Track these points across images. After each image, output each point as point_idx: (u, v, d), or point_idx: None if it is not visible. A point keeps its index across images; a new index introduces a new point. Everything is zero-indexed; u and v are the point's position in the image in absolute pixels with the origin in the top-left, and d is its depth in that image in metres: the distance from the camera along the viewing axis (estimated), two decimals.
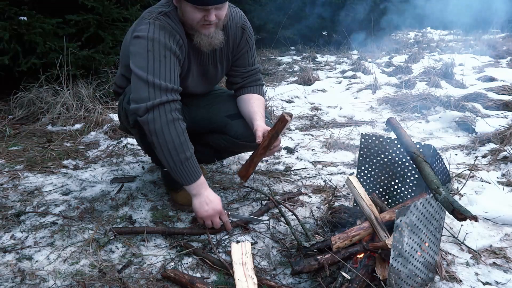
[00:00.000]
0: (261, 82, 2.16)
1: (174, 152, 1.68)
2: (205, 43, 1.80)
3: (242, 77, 2.10)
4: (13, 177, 2.37)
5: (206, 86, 2.12)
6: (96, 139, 3.11)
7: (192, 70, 1.95)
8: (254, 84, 2.12)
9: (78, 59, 3.74)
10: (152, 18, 1.75)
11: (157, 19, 1.75)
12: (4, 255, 1.65)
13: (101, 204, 2.11)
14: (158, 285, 1.49)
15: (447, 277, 1.51)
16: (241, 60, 2.07)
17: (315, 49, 8.29)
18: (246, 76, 2.10)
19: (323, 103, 4.32)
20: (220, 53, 1.99)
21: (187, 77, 1.95)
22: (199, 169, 1.76)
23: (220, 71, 2.08)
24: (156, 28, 1.72)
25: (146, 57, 1.69)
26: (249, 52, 2.08)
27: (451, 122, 3.38)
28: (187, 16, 1.73)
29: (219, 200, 1.79)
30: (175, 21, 1.78)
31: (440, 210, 1.39)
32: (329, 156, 2.83)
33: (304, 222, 1.91)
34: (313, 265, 1.43)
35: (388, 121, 1.77)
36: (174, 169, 1.71)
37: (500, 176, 2.40)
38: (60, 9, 3.82)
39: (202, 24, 1.73)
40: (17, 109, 3.54)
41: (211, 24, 1.74)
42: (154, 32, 1.71)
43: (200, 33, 1.77)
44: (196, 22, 1.73)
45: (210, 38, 1.78)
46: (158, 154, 1.72)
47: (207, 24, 1.73)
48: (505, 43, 7.98)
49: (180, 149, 1.68)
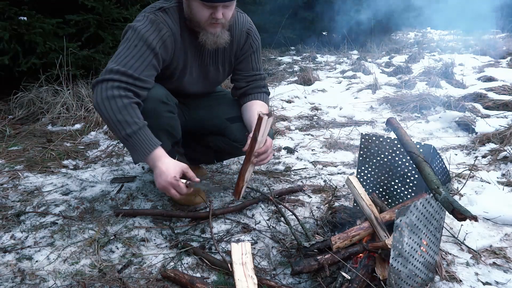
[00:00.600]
0: (266, 90, 2.12)
1: (115, 128, 1.65)
2: (211, 42, 1.80)
3: (246, 81, 2.08)
4: (13, 177, 2.37)
5: (206, 87, 2.11)
6: (96, 139, 3.11)
7: (190, 68, 1.95)
8: (258, 91, 2.09)
9: (78, 59, 3.74)
10: (149, 12, 1.79)
11: (153, 13, 1.78)
12: (4, 255, 1.65)
13: (101, 204, 2.11)
14: (158, 285, 1.49)
15: (447, 277, 1.51)
16: (244, 63, 2.06)
17: (315, 49, 8.29)
18: (250, 80, 2.08)
19: (323, 103, 4.32)
20: (222, 55, 1.99)
21: (184, 74, 1.95)
22: (148, 144, 1.66)
23: (221, 73, 2.08)
24: (145, 22, 1.75)
25: (121, 45, 1.75)
26: (253, 56, 2.06)
27: (451, 122, 3.38)
28: (194, 13, 1.74)
29: (173, 170, 1.65)
30: (172, 17, 1.80)
31: (440, 210, 1.39)
32: (329, 156, 2.83)
33: (304, 222, 1.91)
34: (313, 265, 1.43)
35: (388, 121, 1.77)
36: (124, 145, 1.68)
37: (500, 176, 2.40)
38: (60, 9, 3.82)
39: (210, 23, 1.74)
40: (17, 109, 3.54)
41: (218, 24, 1.75)
42: (140, 24, 1.75)
43: (207, 31, 1.78)
44: (204, 20, 1.74)
45: (216, 37, 1.80)
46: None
47: (214, 23, 1.74)
48: (505, 43, 7.98)
49: (119, 126, 1.63)
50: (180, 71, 1.93)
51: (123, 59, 1.70)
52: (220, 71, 2.06)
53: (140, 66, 1.72)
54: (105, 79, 1.66)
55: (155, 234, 1.83)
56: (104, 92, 1.65)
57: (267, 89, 2.13)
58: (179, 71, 1.92)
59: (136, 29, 1.74)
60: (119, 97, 1.64)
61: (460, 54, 6.95)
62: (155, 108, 1.79)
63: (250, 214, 2.01)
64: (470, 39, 8.74)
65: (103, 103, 1.64)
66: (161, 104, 1.81)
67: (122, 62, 1.70)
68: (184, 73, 1.95)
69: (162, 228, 1.88)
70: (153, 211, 1.99)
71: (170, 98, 1.88)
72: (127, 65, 1.69)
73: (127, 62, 1.70)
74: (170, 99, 1.88)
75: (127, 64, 1.70)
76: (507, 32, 9.74)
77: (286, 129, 3.48)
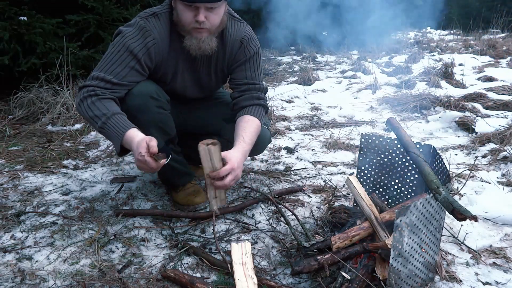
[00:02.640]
0: (261, 102, 1.97)
1: (92, 125, 1.74)
2: (194, 47, 1.78)
3: (239, 90, 1.97)
4: (13, 177, 2.37)
5: (201, 92, 2.10)
6: (96, 139, 3.10)
7: (182, 73, 1.95)
8: (251, 103, 1.94)
9: (78, 59, 3.75)
10: (141, 17, 1.81)
11: (144, 19, 1.80)
12: (4, 255, 1.65)
13: (101, 204, 2.11)
14: (158, 285, 1.49)
15: (447, 277, 1.51)
16: (237, 72, 1.98)
17: (315, 49, 8.29)
18: (243, 90, 1.97)
19: (323, 103, 4.32)
20: (215, 63, 1.97)
21: (176, 79, 1.95)
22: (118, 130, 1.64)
23: (214, 81, 2.05)
24: (134, 28, 1.79)
25: (108, 50, 1.80)
26: (247, 64, 1.97)
27: (451, 122, 3.39)
28: (179, 16, 1.74)
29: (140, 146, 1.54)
30: (164, 23, 1.81)
31: (440, 210, 1.39)
32: (329, 156, 2.83)
33: (304, 222, 1.91)
34: (313, 265, 1.43)
35: (388, 121, 1.77)
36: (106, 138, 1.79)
37: (500, 176, 2.40)
38: (60, 9, 3.82)
39: (194, 27, 1.73)
40: (17, 109, 3.54)
41: (203, 29, 1.73)
42: (128, 30, 1.79)
43: (192, 36, 1.77)
44: (188, 23, 1.73)
45: (201, 43, 1.77)
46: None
47: (198, 28, 1.73)
48: (505, 43, 7.98)
49: (92, 122, 1.70)
50: (171, 76, 1.93)
51: (105, 65, 1.76)
52: (212, 79, 2.03)
53: (121, 72, 1.75)
54: (85, 85, 1.75)
55: (155, 234, 1.83)
56: (79, 96, 1.74)
57: (263, 101, 1.98)
58: (170, 76, 1.92)
59: (124, 35, 1.77)
60: (89, 97, 1.71)
61: (460, 54, 6.95)
62: (145, 103, 1.79)
63: (250, 214, 2.01)
64: (470, 39, 8.74)
65: (79, 106, 1.74)
66: (150, 99, 1.80)
67: (104, 68, 1.76)
68: (176, 78, 1.94)
69: (162, 228, 1.88)
70: (153, 211, 1.99)
71: (160, 94, 1.86)
72: (108, 71, 1.75)
73: (108, 68, 1.75)
74: (160, 94, 1.86)
75: (108, 69, 1.75)
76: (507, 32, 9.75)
77: (286, 129, 3.48)
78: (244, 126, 1.85)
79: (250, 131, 1.85)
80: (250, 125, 1.87)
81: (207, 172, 1.62)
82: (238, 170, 1.66)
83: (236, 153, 1.70)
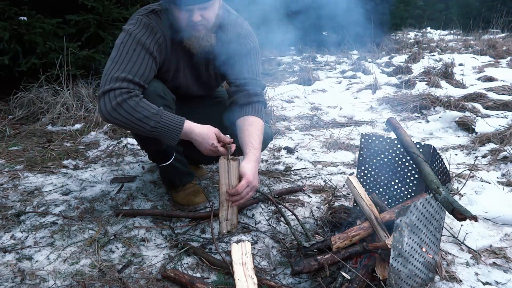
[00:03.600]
0: (259, 98, 1.93)
1: (139, 128, 1.67)
2: (195, 45, 1.79)
3: (235, 84, 1.95)
4: (13, 177, 2.37)
5: (202, 89, 2.10)
6: (96, 139, 3.11)
7: (183, 70, 1.95)
8: (249, 100, 1.91)
9: (78, 59, 3.74)
10: (142, 14, 1.79)
11: (146, 16, 1.79)
12: (4, 255, 1.65)
13: (101, 204, 2.11)
14: (158, 285, 1.49)
15: (447, 277, 1.51)
16: (235, 66, 1.95)
17: (315, 49, 8.29)
18: (239, 84, 1.94)
19: (323, 103, 4.32)
20: (213, 59, 1.97)
21: (178, 76, 1.95)
22: (175, 127, 1.68)
23: (213, 77, 2.05)
24: (139, 25, 1.76)
25: (117, 49, 1.74)
26: (244, 59, 1.94)
27: (451, 122, 3.39)
28: (175, 19, 1.75)
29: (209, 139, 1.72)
30: (163, 20, 1.81)
31: (440, 210, 1.39)
32: (329, 156, 2.83)
33: (304, 222, 1.91)
34: (313, 265, 1.43)
35: (388, 121, 1.77)
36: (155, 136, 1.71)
37: (500, 176, 2.40)
38: (60, 9, 3.82)
39: (191, 26, 1.73)
40: (17, 109, 3.54)
41: (201, 26, 1.74)
42: (135, 28, 1.76)
43: (190, 35, 1.77)
44: (184, 25, 1.73)
45: (200, 40, 1.78)
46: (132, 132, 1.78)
47: (196, 26, 1.73)
48: (505, 43, 7.98)
49: (142, 124, 1.65)
50: (173, 73, 1.93)
51: (126, 65, 1.69)
52: (211, 75, 2.03)
53: (144, 73, 1.73)
54: (113, 88, 1.65)
55: (155, 234, 1.83)
56: (113, 100, 1.64)
57: (260, 97, 1.95)
58: (172, 73, 1.92)
59: (132, 33, 1.74)
60: (129, 99, 1.64)
61: (460, 54, 6.95)
62: (153, 102, 1.79)
63: (250, 214, 2.01)
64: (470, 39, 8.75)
65: (115, 111, 1.64)
66: (158, 97, 1.80)
67: (126, 68, 1.69)
68: (178, 75, 1.94)
69: (162, 228, 1.88)
70: (153, 211, 1.99)
71: (167, 93, 1.87)
72: (132, 72, 1.69)
73: (131, 69, 1.69)
74: (167, 93, 1.87)
75: (132, 70, 1.69)
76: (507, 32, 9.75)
77: (286, 129, 3.48)
78: (250, 131, 1.84)
79: (257, 134, 1.85)
80: (255, 128, 1.86)
81: (224, 190, 1.69)
82: (254, 182, 1.74)
83: (249, 164, 1.74)
